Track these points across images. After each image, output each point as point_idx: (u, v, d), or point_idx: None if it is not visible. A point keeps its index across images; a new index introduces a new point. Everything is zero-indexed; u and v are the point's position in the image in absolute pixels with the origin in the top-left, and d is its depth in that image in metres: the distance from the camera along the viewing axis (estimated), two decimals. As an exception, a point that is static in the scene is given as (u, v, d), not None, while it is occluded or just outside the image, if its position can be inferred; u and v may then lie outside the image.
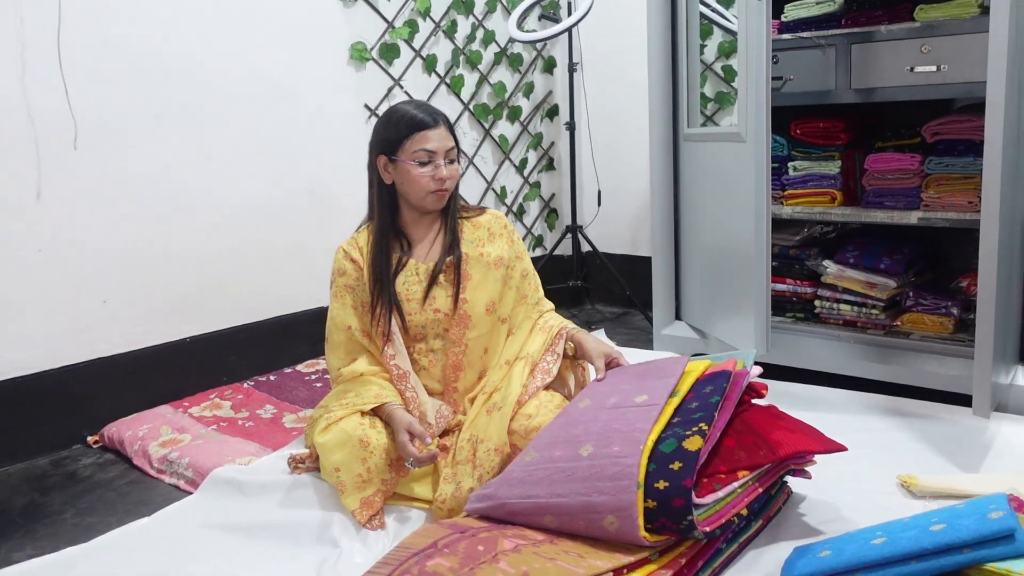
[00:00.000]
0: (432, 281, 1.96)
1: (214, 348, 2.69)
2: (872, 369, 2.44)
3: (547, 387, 1.93)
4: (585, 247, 3.57)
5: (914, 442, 2.09)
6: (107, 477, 2.18)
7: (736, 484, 1.55)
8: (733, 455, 1.59)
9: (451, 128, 1.97)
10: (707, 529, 1.45)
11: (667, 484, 1.43)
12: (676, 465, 1.45)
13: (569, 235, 3.56)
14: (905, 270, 2.58)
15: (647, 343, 3.07)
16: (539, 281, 2.15)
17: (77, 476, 2.20)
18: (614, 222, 3.68)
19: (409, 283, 1.97)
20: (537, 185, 3.77)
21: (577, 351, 2.01)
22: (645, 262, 3.56)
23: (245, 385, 2.68)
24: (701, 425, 1.52)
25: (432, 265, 1.98)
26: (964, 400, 2.21)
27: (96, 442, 2.38)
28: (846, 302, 2.65)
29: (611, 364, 1.93)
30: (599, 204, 3.58)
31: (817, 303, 2.71)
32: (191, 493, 2.02)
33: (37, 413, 2.31)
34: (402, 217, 2.01)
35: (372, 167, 1.99)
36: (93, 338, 2.42)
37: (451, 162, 1.95)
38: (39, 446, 2.32)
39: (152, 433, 2.30)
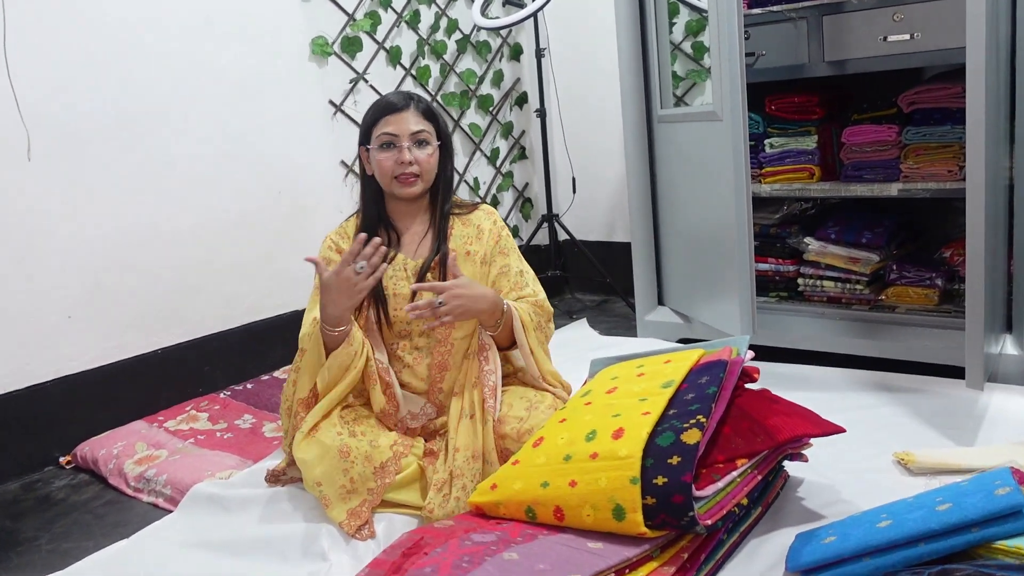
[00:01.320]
0: (420, 279, 1.89)
1: (187, 359, 2.61)
2: (859, 345, 2.42)
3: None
4: (561, 236, 3.52)
5: (907, 417, 2.07)
6: (82, 499, 2.10)
7: (735, 473, 1.51)
8: (730, 443, 1.55)
9: (427, 112, 1.90)
10: (709, 522, 1.41)
11: (666, 480, 1.39)
12: (674, 460, 1.40)
13: (545, 225, 3.50)
14: (887, 243, 2.55)
15: (630, 330, 3.02)
16: (528, 280, 1.98)
17: (50, 499, 2.11)
18: (589, 209, 3.63)
19: (397, 278, 1.90)
20: (510, 175, 3.70)
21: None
22: (623, 248, 3.53)
23: (221, 395, 2.61)
24: (699, 417, 1.47)
25: (421, 262, 1.91)
26: (953, 372, 2.19)
27: (69, 463, 2.30)
28: (829, 278, 2.62)
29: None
30: (574, 191, 3.52)
31: (800, 281, 2.68)
32: (171, 511, 1.94)
33: (5, 435, 2.22)
34: (389, 209, 1.95)
35: (358, 159, 1.95)
36: (60, 355, 2.33)
37: (420, 145, 1.87)
38: (9, 470, 2.23)
39: (127, 450, 2.22)
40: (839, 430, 1.61)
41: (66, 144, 2.31)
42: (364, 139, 1.91)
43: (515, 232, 3.75)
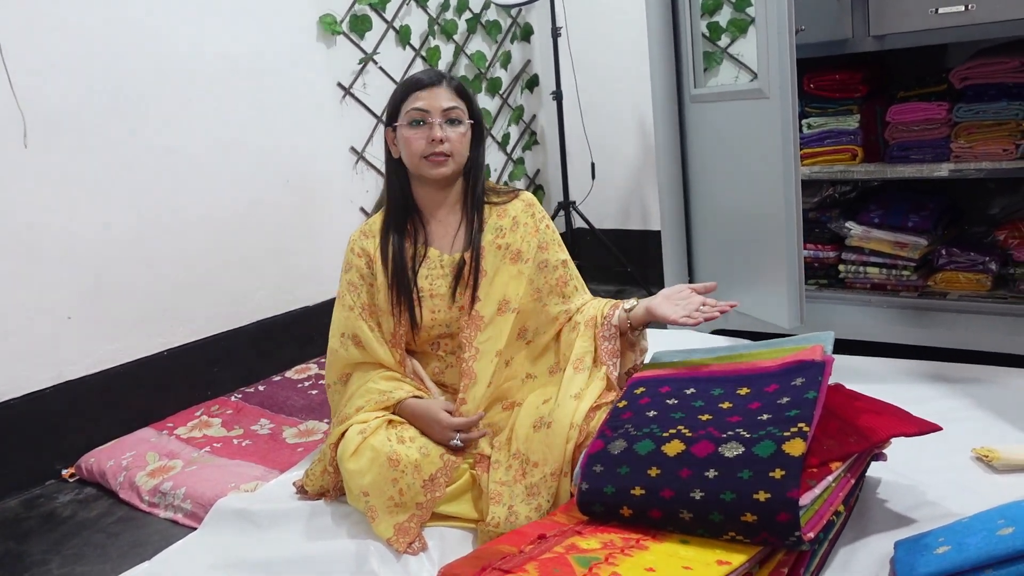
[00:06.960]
0: (458, 276, 1.74)
1: (194, 360, 2.44)
2: (909, 334, 2.31)
3: None
4: (576, 224, 3.36)
5: (974, 410, 1.95)
6: (91, 516, 1.93)
7: (830, 478, 1.38)
8: (822, 445, 1.42)
9: (460, 90, 1.74)
10: (811, 535, 1.28)
11: (769, 495, 1.25)
12: (778, 473, 1.26)
13: (561, 213, 3.35)
14: (934, 226, 2.44)
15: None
16: (572, 276, 1.85)
17: (56, 517, 1.94)
18: (603, 196, 3.47)
19: (433, 277, 1.74)
20: (521, 161, 3.55)
21: (649, 319, 1.74)
22: (638, 235, 3.40)
23: (232, 398, 2.44)
24: (800, 425, 1.32)
25: (458, 257, 1.75)
26: (1013, 360, 2.09)
27: (72, 475, 2.13)
28: (873, 264, 2.50)
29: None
30: (593, 178, 3.36)
31: (841, 267, 2.56)
32: (193, 529, 1.78)
33: (2, 448, 2.05)
34: (417, 197, 1.79)
35: (385, 143, 1.79)
36: (60, 359, 2.16)
37: (452, 122, 1.71)
38: (8, 485, 2.06)
39: (137, 461, 2.05)
40: (935, 428, 1.49)
41: (63, 130, 2.13)
42: (391, 119, 1.75)
43: (526, 221, 3.59)
